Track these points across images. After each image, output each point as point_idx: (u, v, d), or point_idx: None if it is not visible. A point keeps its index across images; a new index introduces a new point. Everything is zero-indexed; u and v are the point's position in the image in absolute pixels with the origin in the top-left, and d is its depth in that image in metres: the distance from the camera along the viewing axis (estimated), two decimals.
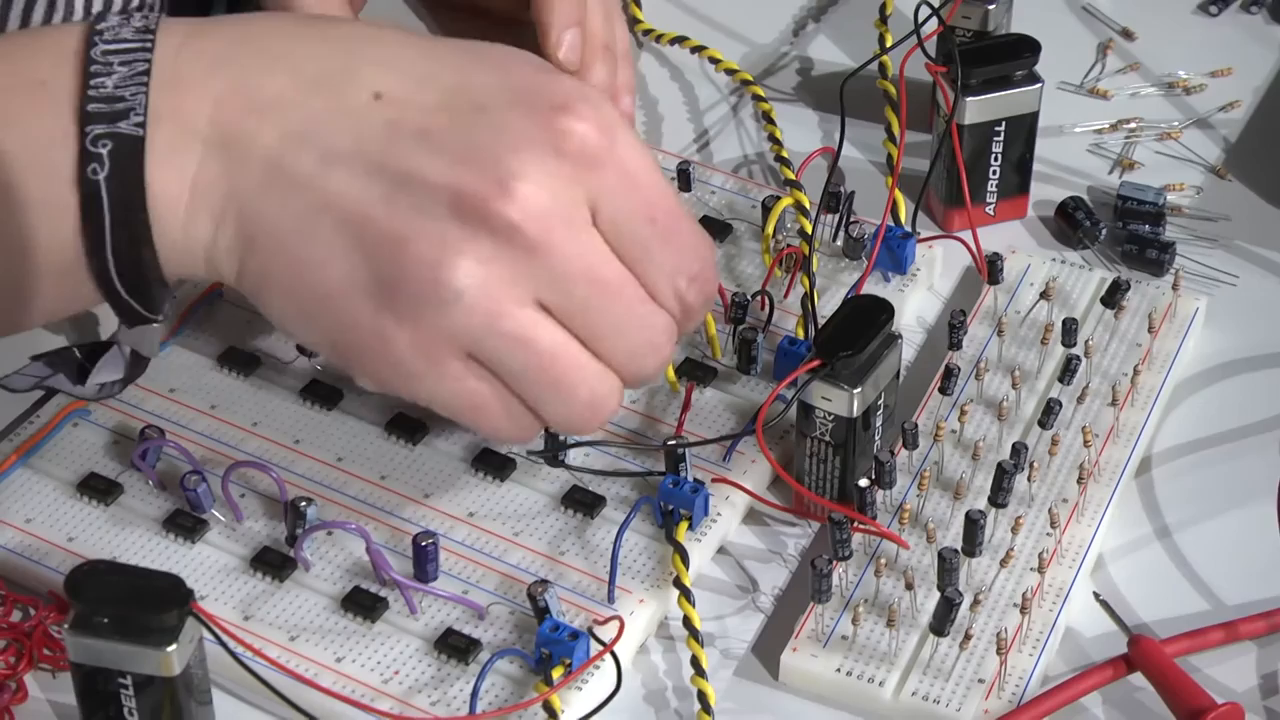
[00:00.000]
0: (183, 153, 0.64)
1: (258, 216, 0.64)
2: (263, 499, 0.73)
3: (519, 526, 0.72)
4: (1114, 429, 0.76)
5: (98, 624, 0.62)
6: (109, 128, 0.63)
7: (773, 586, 0.72)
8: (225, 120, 0.64)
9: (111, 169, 0.63)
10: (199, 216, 0.64)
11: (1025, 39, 0.84)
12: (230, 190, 0.64)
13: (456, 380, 0.65)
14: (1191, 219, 0.87)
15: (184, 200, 0.64)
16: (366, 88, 0.65)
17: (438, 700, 0.67)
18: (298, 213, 0.64)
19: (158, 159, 0.63)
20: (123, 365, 0.73)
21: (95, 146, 0.63)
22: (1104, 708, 0.68)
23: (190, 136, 0.64)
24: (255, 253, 0.65)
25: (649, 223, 0.67)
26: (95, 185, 0.63)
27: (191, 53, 0.65)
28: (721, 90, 0.94)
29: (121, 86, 0.63)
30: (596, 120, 0.65)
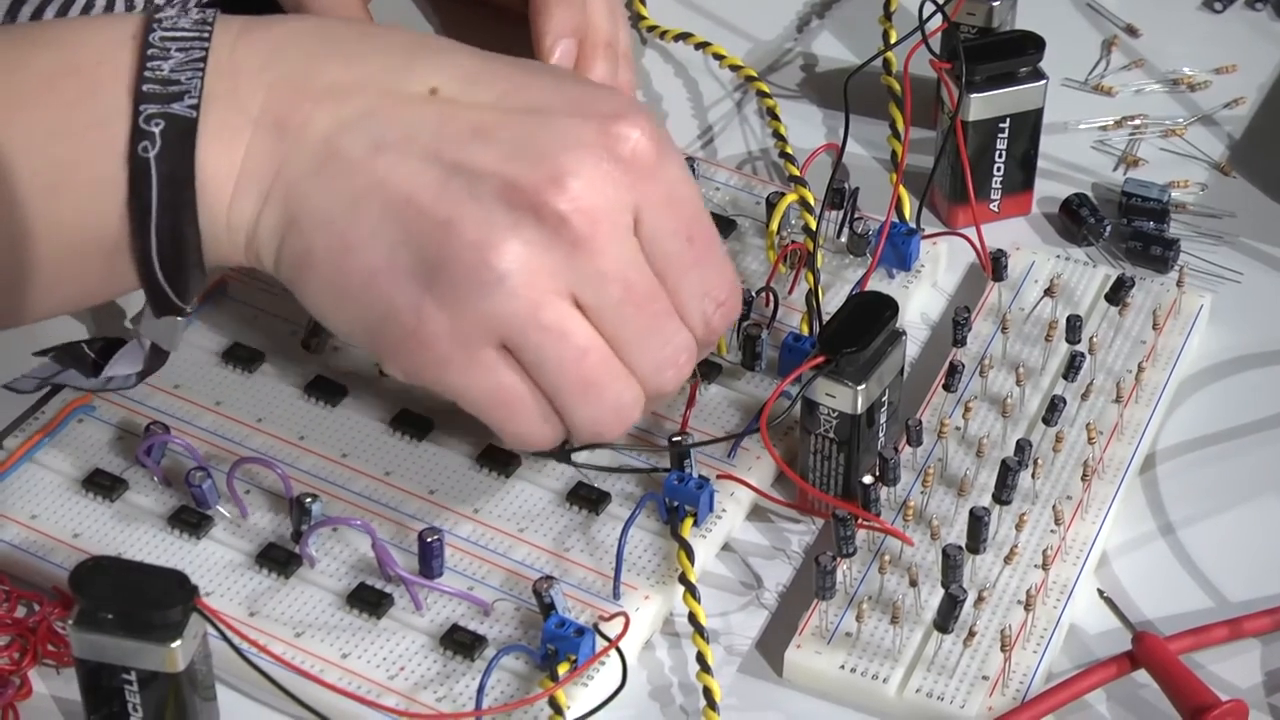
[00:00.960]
0: (234, 134, 0.65)
1: (304, 197, 0.65)
2: (268, 495, 0.73)
3: (524, 523, 0.73)
4: (1118, 426, 0.76)
5: (102, 620, 0.63)
6: (163, 108, 0.64)
7: (777, 583, 0.73)
8: (279, 104, 0.65)
9: (162, 148, 0.64)
10: (245, 197, 0.65)
11: (1030, 35, 0.85)
12: (279, 171, 0.65)
13: (488, 371, 0.66)
14: (1196, 216, 0.87)
15: (232, 180, 0.65)
16: (422, 83, 0.66)
17: (443, 696, 0.67)
18: (346, 195, 0.65)
19: (209, 140, 0.64)
20: (141, 358, 0.73)
21: (148, 125, 0.64)
22: (1108, 705, 0.68)
23: (242, 118, 0.65)
24: (298, 234, 0.65)
25: (687, 241, 0.68)
26: (145, 163, 0.64)
27: (248, 43, 0.66)
28: (725, 87, 0.94)
29: (177, 71, 0.64)
30: (650, 132, 0.66)
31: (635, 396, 0.68)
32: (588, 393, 0.66)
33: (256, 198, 0.65)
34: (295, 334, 0.79)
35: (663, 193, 0.67)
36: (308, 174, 0.65)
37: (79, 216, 0.65)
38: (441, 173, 0.65)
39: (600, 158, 0.65)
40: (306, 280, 0.66)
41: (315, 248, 0.65)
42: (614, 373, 0.67)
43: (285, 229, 0.65)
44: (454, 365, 0.66)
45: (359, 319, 0.66)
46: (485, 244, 0.64)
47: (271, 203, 0.65)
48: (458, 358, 0.65)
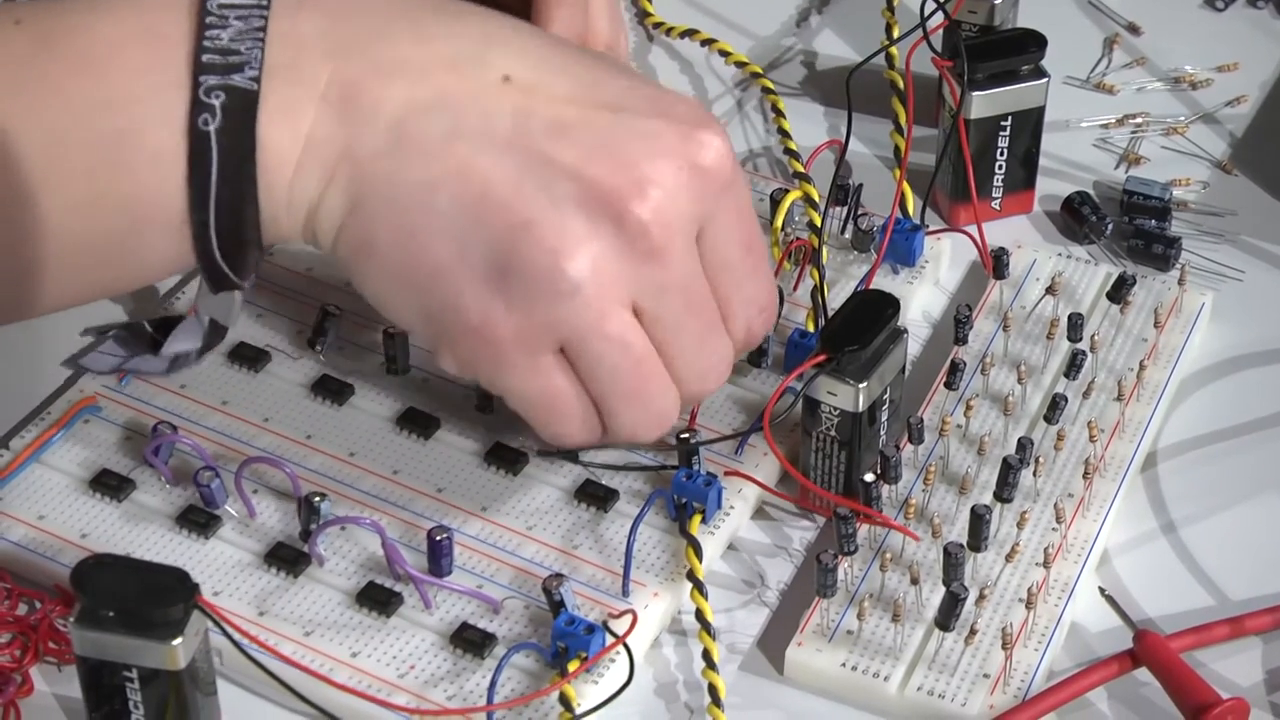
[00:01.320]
0: (299, 109, 0.63)
1: (372, 180, 0.64)
2: (276, 495, 0.73)
3: (533, 521, 0.73)
4: (1120, 424, 0.76)
5: (103, 617, 0.63)
6: (223, 79, 0.62)
7: (778, 581, 0.73)
8: (348, 79, 0.64)
9: (223, 121, 0.62)
10: (309, 174, 0.64)
11: (1031, 34, 0.85)
12: (346, 149, 0.64)
13: (544, 375, 0.66)
14: (1197, 214, 0.87)
15: (295, 156, 0.63)
16: (497, 69, 0.65)
17: (454, 694, 0.67)
18: (418, 180, 0.64)
19: (271, 113, 0.63)
20: (200, 334, 0.72)
21: (208, 98, 0.62)
22: (1109, 703, 0.69)
23: (308, 92, 0.63)
24: (363, 217, 0.64)
25: (746, 252, 0.68)
26: (205, 137, 0.62)
27: (311, 12, 0.64)
28: (728, 83, 0.94)
29: (237, 40, 0.63)
30: (726, 144, 0.66)
31: (674, 403, 0.68)
32: (634, 399, 0.67)
33: (320, 176, 0.64)
34: (302, 332, 0.79)
35: (732, 204, 0.67)
36: (378, 155, 0.64)
37: (138, 189, 0.63)
38: (519, 167, 0.64)
39: (681, 166, 0.65)
40: (366, 265, 0.65)
41: (380, 233, 0.64)
42: (661, 381, 0.67)
43: (349, 212, 0.64)
44: (513, 366, 0.66)
45: (420, 308, 0.65)
46: (561, 250, 0.64)
47: (336, 183, 0.64)
48: (519, 360, 0.65)
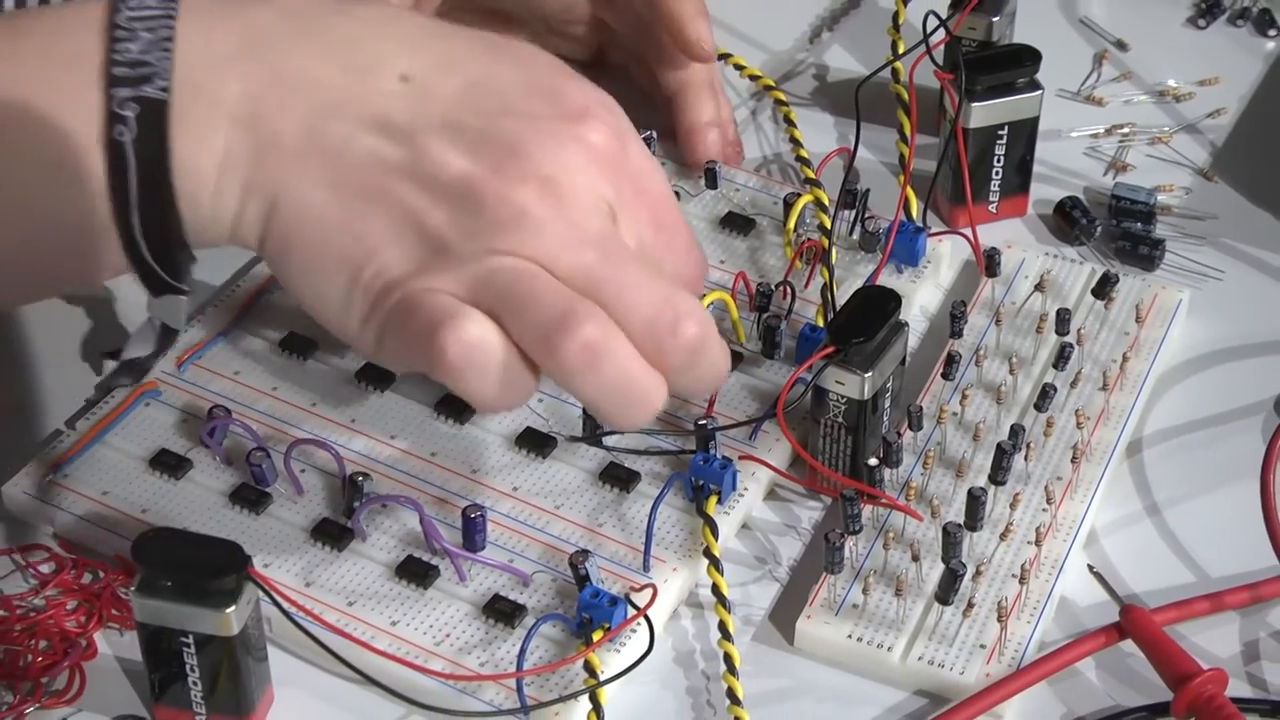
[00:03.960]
0: (213, 128, 0.62)
1: (284, 186, 0.62)
2: (322, 474, 0.74)
3: (560, 500, 0.73)
4: (1105, 412, 0.76)
5: (162, 587, 0.63)
6: (134, 91, 0.61)
7: (788, 558, 0.73)
8: (256, 96, 0.62)
9: (138, 131, 0.61)
10: (227, 189, 0.63)
11: (1027, 49, 0.85)
12: (258, 161, 0.62)
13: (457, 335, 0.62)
14: (1181, 218, 0.87)
15: (213, 174, 0.62)
16: (394, 69, 0.63)
17: (486, 661, 0.68)
18: (323, 182, 0.62)
19: (187, 133, 0.62)
20: (153, 338, 0.72)
21: (122, 109, 0.61)
22: (1097, 673, 0.69)
23: (220, 113, 0.62)
24: (278, 219, 0.63)
25: (656, 229, 0.65)
26: (122, 147, 0.61)
27: (222, 31, 0.63)
28: (742, 95, 0.94)
29: (146, 52, 0.61)
30: (614, 126, 0.64)
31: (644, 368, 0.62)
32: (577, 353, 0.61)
33: (238, 189, 0.63)
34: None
35: (630, 184, 0.64)
36: (287, 163, 0.62)
37: (67, 202, 0.62)
38: (411, 161, 0.62)
39: (571, 149, 0.62)
40: (286, 261, 0.64)
41: (294, 232, 0.63)
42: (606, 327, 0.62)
43: (267, 216, 0.63)
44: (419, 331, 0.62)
45: (329, 298, 0.63)
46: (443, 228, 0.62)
47: (252, 193, 0.63)
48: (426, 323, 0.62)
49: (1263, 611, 0.71)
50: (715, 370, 0.64)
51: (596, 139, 0.63)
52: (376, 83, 0.63)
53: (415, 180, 0.62)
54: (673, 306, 0.62)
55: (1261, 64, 0.96)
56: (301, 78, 0.63)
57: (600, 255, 0.62)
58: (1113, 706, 0.68)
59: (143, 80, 0.61)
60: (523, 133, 0.62)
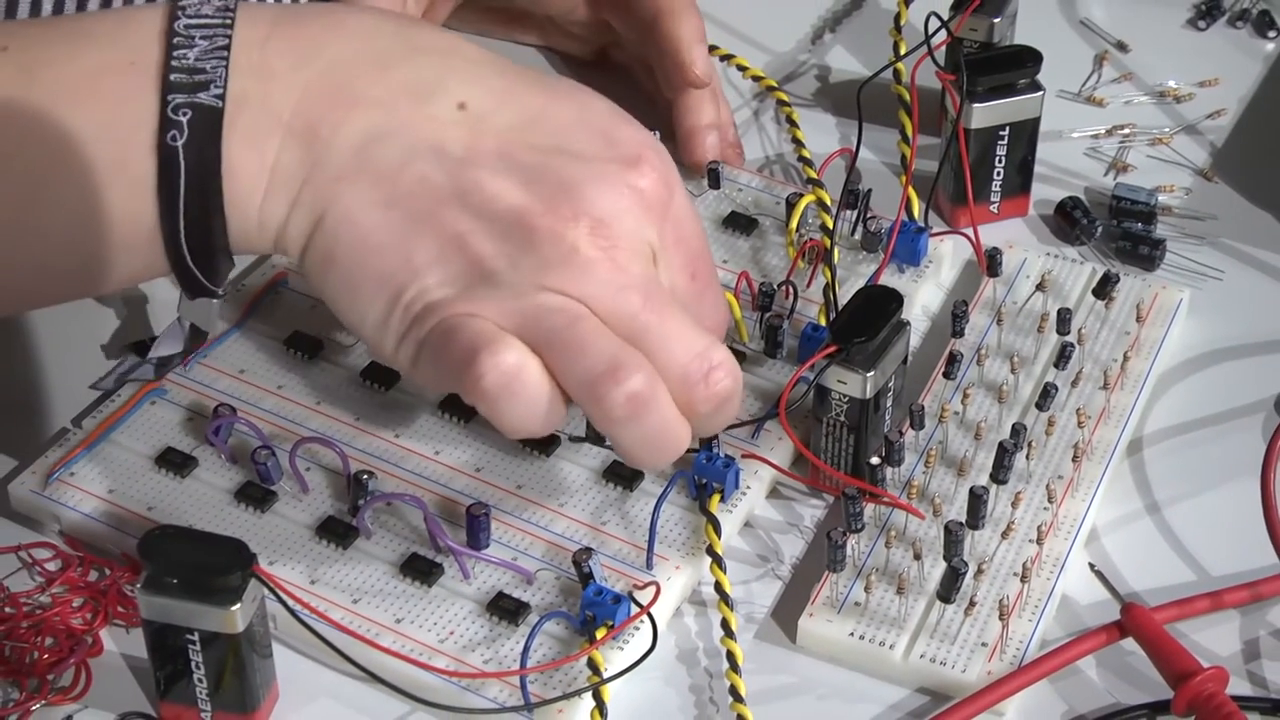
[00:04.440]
0: (265, 138, 0.63)
1: (333, 201, 0.63)
2: (327, 472, 0.73)
3: (564, 499, 0.73)
4: (1105, 411, 0.76)
5: (167, 584, 0.63)
6: (189, 98, 0.62)
7: (791, 556, 0.73)
8: (311, 111, 0.63)
9: (190, 137, 0.62)
10: (276, 199, 0.63)
11: (1028, 50, 0.85)
12: (310, 175, 0.63)
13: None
14: (1181, 218, 0.87)
15: (263, 184, 0.63)
16: (453, 98, 0.64)
17: (490, 658, 0.67)
18: (372, 202, 0.63)
19: (240, 139, 0.62)
20: (182, 339, 0.72)
21: (175, 114, 0.62)
22: (1098, 670, 0.69)
23: (274, 123, 0.63)
24: (323, 233, 0.64)
25: (689, 278, 0.66)
26: (173, 151, 0.62)
27: (279, 41, 0.64)
28: (745, 95, 0.94)
29: (202, 59, 0.62)
30: (664, 173, 0.65)
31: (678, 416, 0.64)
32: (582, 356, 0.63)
33: (286, 201, 0.63)
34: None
35: (672, 231, 0.65)
36: (339, 179, 0.63)
37: (117, 210, 0.63)
38: (464, 189, 0.63)
39: (619, 192, 0.63)
40: (327, 275, 0.64)
41: (339, 248, 0.63)
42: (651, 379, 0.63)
43: (313, 229, 0.64)
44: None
45: (367, 315, 0.64)
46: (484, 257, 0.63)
47: (300, 206, 0.63)
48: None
49: (1263, 610, 0.71)
50: (732, 415, 0.66)
51: (646, 185, 0.64)
52: (434, 109, 0.64)
53: (467, 208, 0.63)
54: (708, 358, 0.64)
55: (1261, 65, 0.96)
56: (358, 97, 0.64)
57: (644, 300, 0.63)
58: (1113, 704, 0.68)
59: (198, 87, 0.62)
60: (576, 172, 0.63)
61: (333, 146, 0.63)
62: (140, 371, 0.75)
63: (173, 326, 0.72)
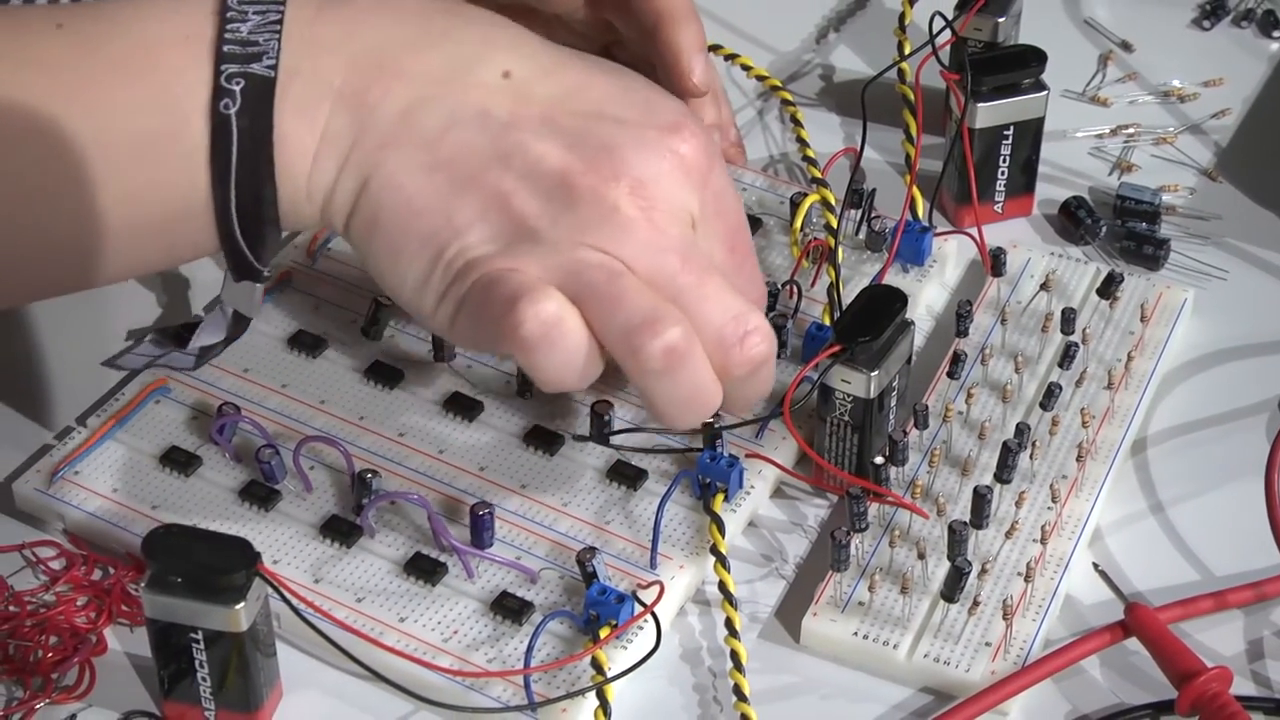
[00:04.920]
0: (316, 106, 0.64)
1: (378, 165, 0.64)
2: (331, 471, 0.73)
3: (568, 498, 0.73)
4: (1109, 410, 0.76)
5: (172, 583, 0.63)
6: (242, 68, 0.63)
7: (795, 555, 0.73)
8: (360, 79, 0.64)
9: (243, 105, 0.63)
10: (324, 165, 0.65)
11: (1032, 50, 0.85)
12: (357, 141, 0.64)
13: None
14: (1185, 218, 0.87)
15: (312, 149, 0.64)
16: (497, 67, 0.66)
17: (494, 657, 0.67)
18: (417, 165, 0.64)
19: (291, 108, 0.64)
20: (225, 326, 0.72)
21: (229, 84, 0.63)
22: (1101, 670, 0.69)
23: (324, 90, 0.64)
24: (368, 197, 0.65)
25: (729, 251, 0.68)
26: (226, 119, 0.63)
27: (329, 17, 0.65)
28: (749, 95, 0.94)
29: (255, 33, 0.64)
30: (705, 142, 0.66)
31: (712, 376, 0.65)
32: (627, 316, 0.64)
33: (335, 166, 0.65)
34: (355, 322, 0.79)
35: (712, 201, 0.66)
36: (385, 145, 0.64)
37: (173, 178, 0.64)
38: (507, 152, 0.64)
39: (661, 156, 0.65)
40: (371, 240, 0.65)
41: (383, 211, 0.65)
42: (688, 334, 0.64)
43: (359, 194, 0.65)
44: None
45: (409, 275, 0.65)
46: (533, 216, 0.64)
47: (348, 170, 0.65)
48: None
49: (1267, 610, 0.71)
50: (765, 386, 0.67)
51: (687, 151, 0.66)
52: (478, 77, 0.65)
53: (510, 169, 0.64)
54: (743, 321, 0.65)
55: (1266, 65, 0.96)
56: (405, 66, 0.65)
57: (682, 262, 0.64)
58: (1117, 704, 0.68)
59: (251, 59, 0.63)
60: (618, 136, 0.65)
61: (379, 113, 0.65)
62: (178, 360, 0.75)
63: (215, 315, 0.72)
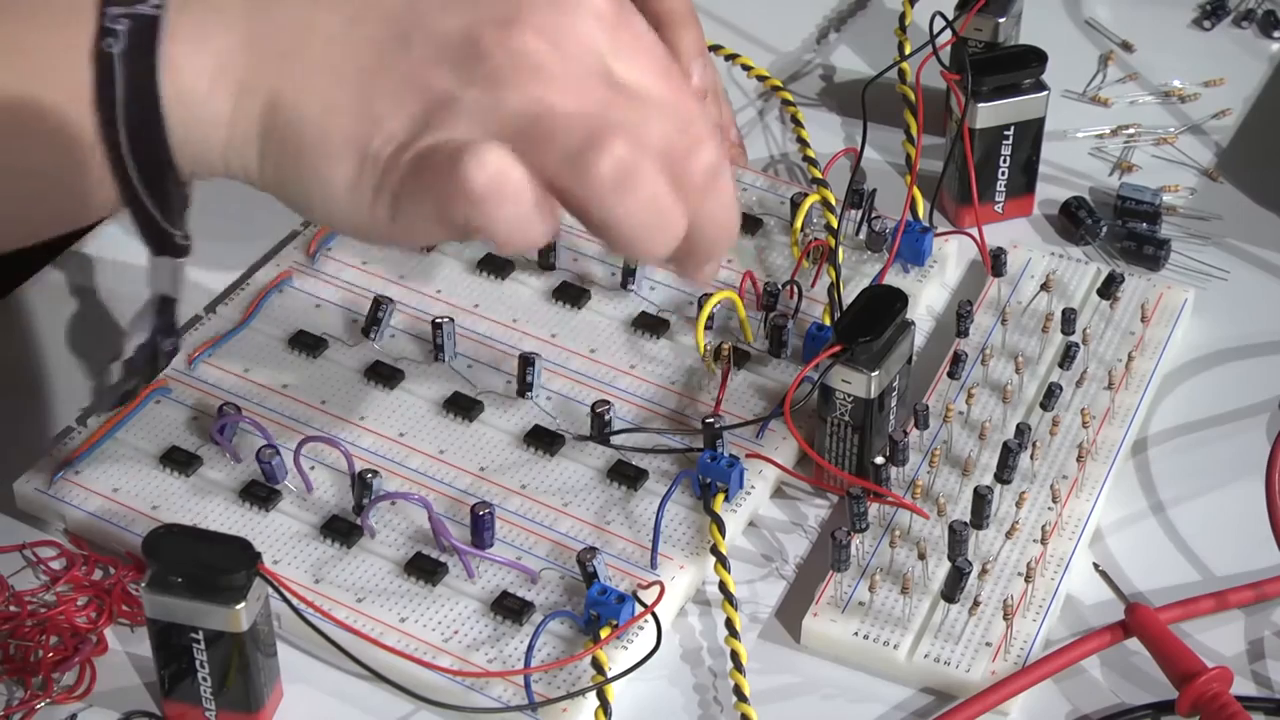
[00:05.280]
0: (206, 31, 0.62)
1: (283, 77, 0.62)
2: (331, 471, 0.73)
3: (568, 498, 0.73)
4: (1110, 411, 0.76)
5: (172, 583, 0.63)
6: (127, 9, 0.61)
7: (795, 555, 0.73)
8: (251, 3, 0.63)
9: (127, 44, 0.61)
10: (222, 89, 0.62)
11: (1033, 50, 0.85)
12: (254, 61, 0.62)
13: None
14: (1186, 218, 0.87)
15: (206, 75, 0.62)
16: None
17: (494, 657, 0.67)
18: (324, 65, 0.62)
19: (181, 37, 0.61)
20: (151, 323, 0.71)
21: (113, 24, 0.61)
22: (1102, 670, 0.69)
23: (215, 16, 0.62)
24: (280, 114, 0.62)
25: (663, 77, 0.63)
26: (109, 58, 0.61)
27: None
28: (750, 95, 0.94)
29: None
30: None
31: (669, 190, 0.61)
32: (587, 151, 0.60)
33: (233, 90, 0.62)
34: (355, 322, 0.79)
35: (629, 36, 0.63)
36: (283, 57, 0.62)
37: (53, 116, 0.62)
38: (407, 32, 0.62)
39: (559, 6, 0.62)
40: (287, 159, 0.62)
41: (296, 123, 0.62)
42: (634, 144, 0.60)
43: (266, 114, 0.62)
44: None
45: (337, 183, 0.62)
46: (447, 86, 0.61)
47: (249, 93, 0.62)
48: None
49: (1267, 610, 0.71)
50: (730, 208, 0.62)
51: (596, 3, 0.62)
52: None
53: (414, 47, 0.61)
54: (688, 133, 0.61)
55: (1266, 65, 0.96)
56: None
57: (609, 90, 0.60)
58: (1118, 704, 0.68)
59: (136, 0, 0.61)
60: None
61: (275, 22, 0.62)
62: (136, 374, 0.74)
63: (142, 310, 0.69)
